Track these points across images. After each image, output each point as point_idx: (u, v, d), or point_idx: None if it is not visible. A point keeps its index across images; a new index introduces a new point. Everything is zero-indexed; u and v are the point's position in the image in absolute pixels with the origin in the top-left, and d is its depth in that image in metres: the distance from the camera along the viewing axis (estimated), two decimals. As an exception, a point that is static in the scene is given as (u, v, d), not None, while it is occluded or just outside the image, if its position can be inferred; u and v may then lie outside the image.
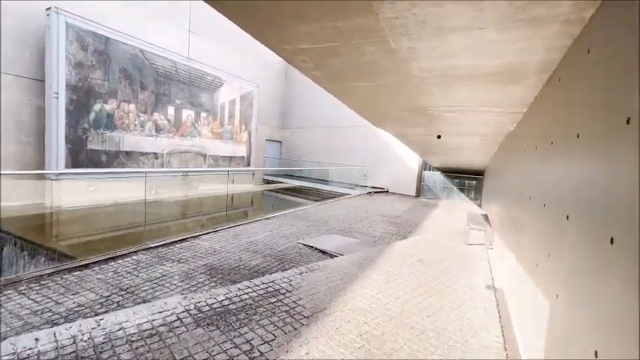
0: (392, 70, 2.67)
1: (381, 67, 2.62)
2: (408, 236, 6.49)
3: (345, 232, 6.47)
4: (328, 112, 17.74)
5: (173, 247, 4.76)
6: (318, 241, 5.54)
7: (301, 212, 8.39)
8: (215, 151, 13.97)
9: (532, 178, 2.72)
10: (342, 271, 3.92)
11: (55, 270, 3.64)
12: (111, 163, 9.94)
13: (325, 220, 7.48)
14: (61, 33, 8.49)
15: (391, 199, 12.58)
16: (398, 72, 2.68)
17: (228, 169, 14.45)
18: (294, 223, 7.02)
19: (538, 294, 2.01)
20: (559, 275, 1.62)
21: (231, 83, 14.49)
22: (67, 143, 8.80)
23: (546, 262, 1.91)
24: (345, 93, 3.60)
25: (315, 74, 2.98)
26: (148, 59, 10.87)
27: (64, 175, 8.71)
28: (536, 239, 2.31)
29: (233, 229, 6.12)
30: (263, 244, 5.21)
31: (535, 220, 2.40)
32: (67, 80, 8.70)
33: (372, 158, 15.68)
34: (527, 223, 2.69)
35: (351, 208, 9.46)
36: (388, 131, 6.23)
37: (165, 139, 11.69)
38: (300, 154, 19.31)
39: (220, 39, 14.75)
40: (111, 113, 9.83)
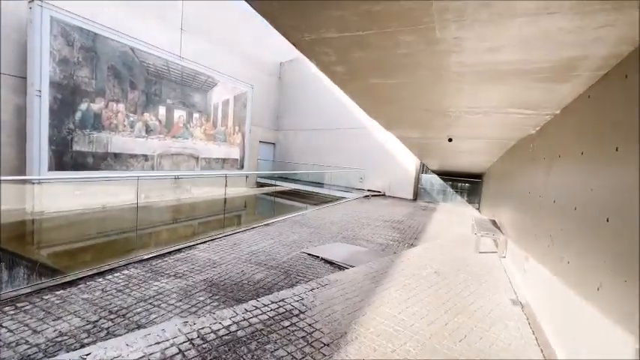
0: (425, 65, 2.37)
1: (413, 61, 2.32)
2: (414, 244, 6.21)
3: (349, 240, 6.15)
4: (322, 115, 17.49)
5: (168, 259, 4.36)
6: (323, 251, 5.21)
7: (300, 217, 8.04)
8: (208, 154, 13.50)
9: (576, 186, 2.46)
10: (357, 286, 3.59)
11: (34, 289, 3.21)
12: (98, 165, 9.41)
13: (326, 227, 7.15)
14: (45, 27, 7.97)
15: (389, 202, 12.33)
16: (432, 67, 2.39)
17: (226, 173, 14.00)
18: (295, 229, 6.67)
19: (590, 315, 1.72)
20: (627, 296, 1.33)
21: (225, 83, 14.06)
22: (50, 144, 8.26)
23: (600, 276, 1.63)
24: (363, 92, 3.28)
25: (336, 70, 2.66)
26: (139, 57, 10.38)
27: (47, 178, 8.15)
28: (579, 251, 2.04)
29: (231, 237, 5.73)
30: (265, 255, 4.84)
31: (581, 231, 2.14)
32: (51, 77, 8.17)
33: (368, 161, 15.44)
34: (569, 234, 2.42)
35: (350, 213, 9.16)
36: (394, 134, 5.95)
37: (156, 140, 11.19)
38: (293, 156, 18.96)
39: (213, 38, 14.34)
40: (98, 113, 9.31)
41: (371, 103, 3.73)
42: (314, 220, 7.75)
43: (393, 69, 2.52)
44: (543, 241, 3.17)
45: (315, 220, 7.76)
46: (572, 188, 2.55)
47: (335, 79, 2.94)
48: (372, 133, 15.36)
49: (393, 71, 2.56)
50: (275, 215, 7.94)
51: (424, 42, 2.00)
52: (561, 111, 3.07)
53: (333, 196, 13.28)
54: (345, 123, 16.47)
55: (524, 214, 4.18)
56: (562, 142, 2.99)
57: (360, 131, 15.86)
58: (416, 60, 2.28)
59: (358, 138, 15.96)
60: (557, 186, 2.95)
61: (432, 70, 2.48)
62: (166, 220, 9.69)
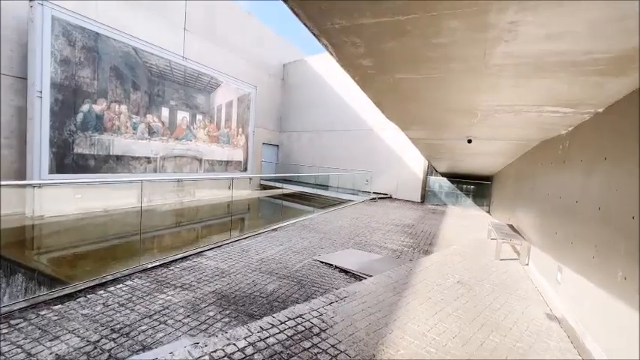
0: (462, 57, 2.11)
1: (450, 53, 2.07)
2: (429, 250, 5.93)
3: (361, 246, 5.88)
4: (326, 116, 17.26)
5: (174, 268, 4.11)
6: (336, 258, 4.94)
7: (308, 222, 7.77)
8: (211, 156, 13.27)
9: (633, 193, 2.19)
10: (378, 299, 3.33)
11: (30, 303, 2.96)
12: (100, 168, 9.18)
13: (336, 231, 6.89)
14: (46, 27, 7.77)
15: (397, 205, 12.06)
16: (470, 59, 2.13)
17: (233, 176, 13.78)
18: (304, 235, 6.40)
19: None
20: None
21: (229, 84, 13.85)
22: (51, 147, 8.04)
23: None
24: (386, 89, 3.03)
25: (362, 63, 2.41)
26: (141, 57, 10.18)
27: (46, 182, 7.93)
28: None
29: (239, 243, 5.48)
30: (276, 262, 4.58)
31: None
32: (52, 78, 7.96)
33: (373, 163, 15.18)
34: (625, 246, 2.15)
35: (359, 217, 8.89)
36: (409, 135, 5.68)
37: (159, 142, 10.96)
38: (297, 158, 18.72)
39: (216, 39, 14.16)
40: (100, 114, 9.09)
41: (392, 102, 3.47)
42: (323, 225, 7.48)
43: (424, 61, 2.27)
44: (584, 251, 2.89)
45: (324, 225, 7.49)
46: (627, 196, 2.29)
47: (358, 74, 2.69)
48: (378, 135, 15.13)
49: (424, 64, 2.31)
50: (282, 219, 7.68)
51: (471, 28, 1.75)
52: (606, 109, 2.81)
53: (339, 198, 13.01)
54: (349, 124, 16.23)
55: (553, 220, 3.90)
56: (607, 144, 2.72)
57: (365, 133, 15.62)
58: (454, 51, 2.03)
59: (363, 139, 15.71)
60: (603, 192, 2.68)
61: (468, 63, 2.22)
62: (170, 224, 9.44)
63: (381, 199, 13.60)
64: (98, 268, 5.20)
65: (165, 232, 8.37)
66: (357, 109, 15.97)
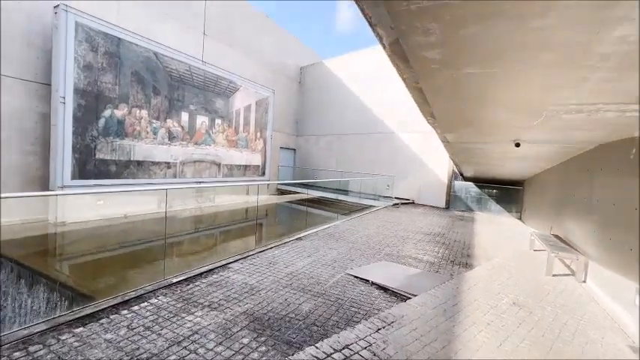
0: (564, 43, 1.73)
1: (550, 38, 1.69)
2: (469, 263, 5.47)
3: (394, 258, 5.47)
4: (345, 119, 16.92)
5: (200, 283, 3.82)
6: (371, 272, 4.56)
7: (333, 229, 7.42)
8: (230, 160, 13.12)
9: None
10: (430, 325, 2.93)
11: (50, 325, 2.71)
12: (121, 173, 9.11)
13: (364, 241, 6.50)
14: (70, 33, 7.75)
15: (422, 212, 11.55)
16: (572, 46, 1.74)
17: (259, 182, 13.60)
18: (331, 244, 6.05)
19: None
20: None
21: (247, 88, 13.71)
22: (73, 152, 7.99)
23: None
24: (444, 87, 2.66)
25: (428, 55, 2.06)
26: (162, 62, 10.11)
27: (69, 187, 7.87)
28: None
29: (265, 254, 5.17)
30: (307, 277, 4.24)
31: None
32: (75, 84, 7.93)
33: (394, 167, 14.71)
34: None
35: (385, 224, 8.46)
36: (448, 137, 5.26)
37: (179, 147, 10.86)
38: (315, 162, 18.43)
39: (234, 43, 14.10)
40: (122, 120, 9.03)
41: (445, 101, 3.10)
42: (348, 233, 7.11)
43: (509, 51, 1.90)
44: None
45: (350, 233, 7.12)
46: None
47: (415, 69, 2.34)
48: (399, 138, 14.67)
49: (508, 54, 1.94)
50: (306, 227, 7.36)
51: (594, 5, 1.37)
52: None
53: (360, 204, 12.60)
54: (370, 127, 15.83)
55: (625, 235, 3.41)
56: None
57: (386, 136, 15.19)
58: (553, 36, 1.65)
59: (384, 143, 15.28)
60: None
61: (563, 52, 1.83)
62: (192, 231, 9.26)
63: (403, 204, 13.11)
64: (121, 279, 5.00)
65: (187, 240, 8.17)
66: (377, 112, 15.57)
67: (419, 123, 13.70)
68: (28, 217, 7.71)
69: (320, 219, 9.37)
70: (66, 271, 5.58)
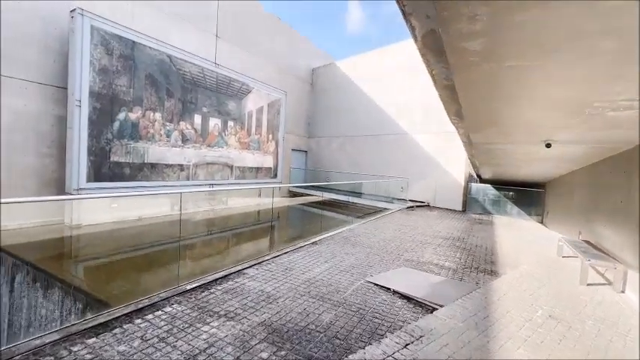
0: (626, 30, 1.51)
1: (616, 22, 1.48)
2: (494, 270, 5.19)
3: (415, 264, 5.24)
4: (357, 120, 16.71)
5: (215, 290, 3.68)
6: (392, 280, 4.35)
7: (348, 233, 7.22)
8: (242, 162, 13.07)
9: None
10: (462, 341, 2.71)
11: (62, 335, 2.61)
12: (135, 176, 9.13)
13: (381, 246, 6.28)
14: (86, 36, 7.80)
15: (438, 215, 11.23)
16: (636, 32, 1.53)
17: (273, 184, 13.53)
18: (348, 249, 5.85)
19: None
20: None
21: (259, 90, 13.66)
22: (89, 155, 8.02)
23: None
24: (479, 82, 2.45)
25: (468, 46, 1.86)
26: (175, 65, 10.13)
27: (84, 190, 7.90)
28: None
29: (280, 259, 5.01)
30: (325, 284, 4.06)
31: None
32: (91, 87, 7.97)
33: (409, 168, 14.41)
34: None
35: (401, 228, 8.22)
36: (475, 139, 5.01)
37: (192, 149, 10.85)
38: (326, 164, 18.26)
39: (246, 45, 14.09)
40: (136, 122, 9.06)
41: (478, 98, 2.88)
42: (365, 237, 6.90)
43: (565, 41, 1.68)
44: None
45: (366, 237, 6.91)
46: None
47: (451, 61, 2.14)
48: (413, 139, 14.37)
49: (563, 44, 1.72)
50: (320, 231, 7.19)
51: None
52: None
53: (374, 207, 12.36)
54: (382, 129, 15.58)
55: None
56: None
57: (399, 137, 14.91)
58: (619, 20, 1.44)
59: (397, 144, 15.00)
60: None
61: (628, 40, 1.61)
62: (205, 234, 9.19)
63: (418, 207, 12.80)
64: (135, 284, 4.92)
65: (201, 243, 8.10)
66: (390, 113, 15.31)
67: (435, 123, 13.41)
68: (45, 219, 7.78)
69: (334, 222, 9.18)
70: (80, 274, 5.55)
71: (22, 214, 7.41)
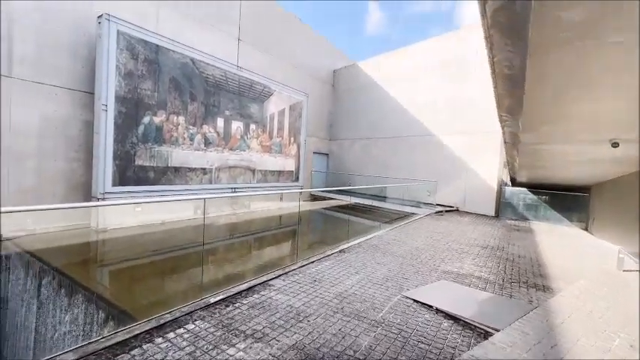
0: None
1: None
2: (545, 285, 4.64)
3: (454, 276, 4.77)
4: (381, 122, 16.24)
5: (240, 305, 3.39)
6: (432, 295, 3.92)
7: (377, 240, 6.81)
8: (264, 166, 12.91)
9: None
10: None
11: (79, 356, 2.38)
12: (159, 179, 9.11)
13: (415, 255, 5.83)
14: (112, 41, 7.85)
15: (469, 220, 10.58)
16: None
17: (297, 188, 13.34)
18: (378, 258, 5.44)
19: None
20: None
21: (281, 93, 13.49)
22: (114, 159, 8.04)
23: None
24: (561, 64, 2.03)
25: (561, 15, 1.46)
26: (198, 68, 10.10)
27: (110, 194, 7.92)
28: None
29: (307, 269, 4.68)
30: (359, 299, 3.69)
31: None
32: (117, 91, 8.01)
33: (435, 171, 13.78)
34: None
35: (433, 235, 7.70)
36: (523, 138, 4.50)
37: (214, 153, 10.78)
38: (349, 166, 17.86)
39: (267, 48, 13.99)
40: (160, 126, 9.05)
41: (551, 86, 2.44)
42: (395, 245, 6.46)
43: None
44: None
45: (397, 245, 6.47)
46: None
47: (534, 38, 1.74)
48: (440, 141, 13.74)
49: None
50: (347, 238, 6.81)
51: None
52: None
53: (400, 211, 11.85)
54: (408, 130, 15.03)
55: None
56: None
57: (425, 138, 14.31)
58: None
59: (423, 146, 14.40)
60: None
61: None
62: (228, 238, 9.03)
63: (447, 212, 12.16)
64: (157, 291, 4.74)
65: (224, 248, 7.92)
66: (416, 114, 14.74)
67: (463, 123, 12.74)
68: (71, 223, 7.86)
69: (361, 228, 8.77)
70: (104, 281, 5.44)
71: (48, 218, 7.51)
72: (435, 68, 13.81)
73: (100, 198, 7.83)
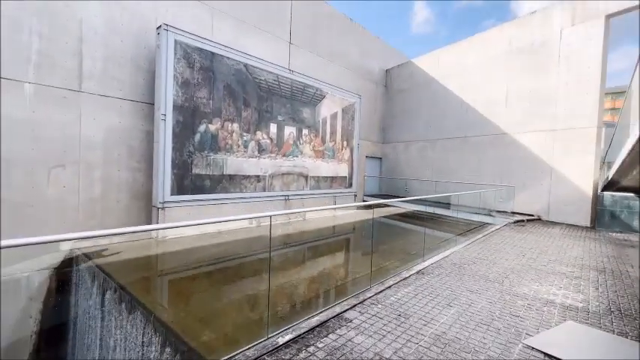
0: None
1: None
2: None
3: (584, 316, 3.62)
4: (440, 122, 14.86)
5: (315, 349, 2.70)
6: (565, 345, 2.87)
7: (457, 258, 5.76)
8: (317, 172, 12.37)
9: None
10: None
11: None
12: (214, 188, 8.97)
13: (513, 280, 4.72)
14: (170, 50, 7.85)
15: (562, 233, 8.89)
16: None
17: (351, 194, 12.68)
18: (468, 283, 4.45)
19: None
20: None
21: (333, 95, 12.90)
22: (173, 168, 8.02)
23: None
24: None
25: None
26: (251, 74, 9.88)
27: (169, 202, 7.88)
28: None
29: (385, 296, 3.87)
30: (466, 349, 2.79)
31: None
32: (174, 101, 7.99)
33: (506, 175, 12.10)
34: None
35: (523, 252, 6.41)
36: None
37: (268, 159, 10.47)
38: (404, 170, 16.67)
39: (319, 50, 13.52)
40: (215, 134, 8.93)
41: None
42: (482, 265, 5.37)
43: None
44: None
45: (485, 265, 5.37)
46: None
47: None
48: (514, 140, 12.05)
49: None
50: (420, 254, 5.87)
51: None
52: None
53: (470, 221, 10.48)
54: (472, 129, 13.51)
55: None
56: None
57: (495, 138, 12.69)
58: None
59: (492, 147, 12.78)
60: None
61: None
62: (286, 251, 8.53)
63: (529, 221, 10.49)
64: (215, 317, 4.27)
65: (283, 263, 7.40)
66: (482, 111, 13.19)
67: (545, 119, 10.96)
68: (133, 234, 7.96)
69: (430, 241, 7.69)
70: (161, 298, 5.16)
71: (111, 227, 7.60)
72: (506, 59, 12.20)
73: (160, 207, 7.82)
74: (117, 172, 7.97)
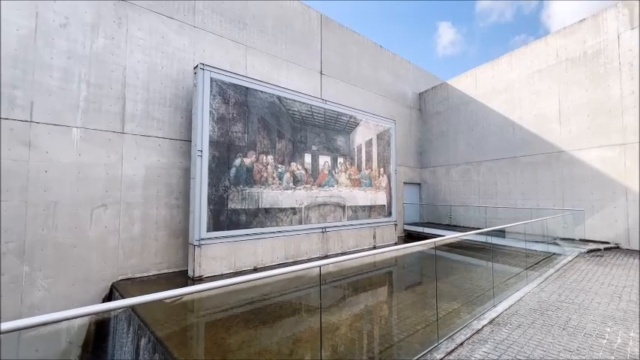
0: None
1: None
2: None
3: None
4: (482, 144, 13.89)
5: None
6: None
7: (535, 303, 4.80)
8: (354, 201, 11.79)
9: None
10: None
11: None
12: (250, 222, 8.67)
13: (623, 336, 3.73)
14: (206, 88, 7.98)
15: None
16: None
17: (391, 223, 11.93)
18: (566, 342, 3.54)
19: None
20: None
21: (367, 122, 12.55)
22: (209, 204, 7.87)
23: None
24: None
25: None
26: (285, 106, 9.83)
27: (205, 240, 7.65)
28: None
29: (457, 358, 3.12)
30: None
31: None
32: (210, 136, 8.00)
33: (564, 197, 10.74)
34: None
35: (618, 291, 5.27)
36: None
37: (303, 190, 10.11)
38: (445, 196, 15.59)
39: (350, 78, 13.44)
40: (250, 167, 8.78)
41: None
42: (573, 313, 4.38)
43: None
44: None
45: (576, 313, 4.38)
46: None
47: None
48: (572, 158, 10.80)
49: None
50: (486, 295, 4.98)
51: None
52: None
53: (531, 250, 9.21)
54: (522, 149, 12.40)
55: None
56: None
57: (548, 157, 11.49)
58: None
59: (546, 166, 11.56)
60: None
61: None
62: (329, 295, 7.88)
63: (606, 250, 9.03)
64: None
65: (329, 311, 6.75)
66: (531, 129, 12.13)
67: (612, 132, 9.73)
68: (170, 270, 7.79)
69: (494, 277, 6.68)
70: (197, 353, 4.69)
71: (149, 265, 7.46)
72: (555, 71, 11.28)
73: (197, 244, 7.60)
74: (155, 209, 7.94)
